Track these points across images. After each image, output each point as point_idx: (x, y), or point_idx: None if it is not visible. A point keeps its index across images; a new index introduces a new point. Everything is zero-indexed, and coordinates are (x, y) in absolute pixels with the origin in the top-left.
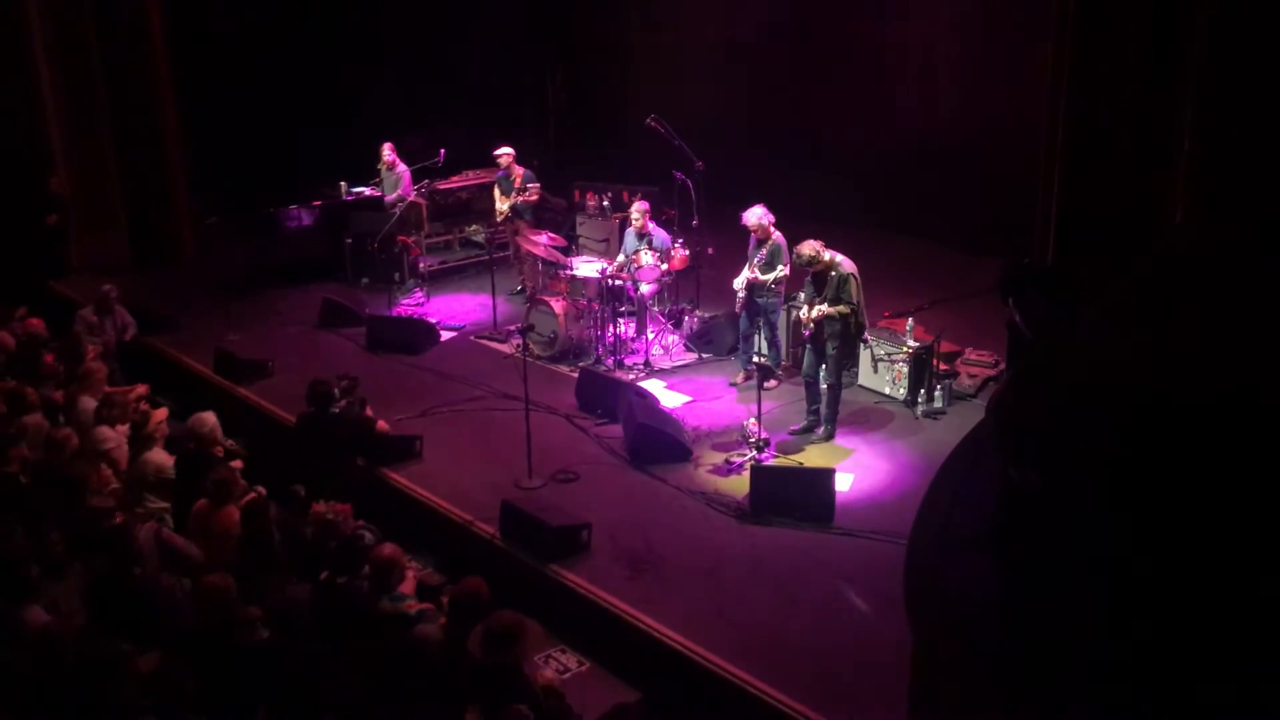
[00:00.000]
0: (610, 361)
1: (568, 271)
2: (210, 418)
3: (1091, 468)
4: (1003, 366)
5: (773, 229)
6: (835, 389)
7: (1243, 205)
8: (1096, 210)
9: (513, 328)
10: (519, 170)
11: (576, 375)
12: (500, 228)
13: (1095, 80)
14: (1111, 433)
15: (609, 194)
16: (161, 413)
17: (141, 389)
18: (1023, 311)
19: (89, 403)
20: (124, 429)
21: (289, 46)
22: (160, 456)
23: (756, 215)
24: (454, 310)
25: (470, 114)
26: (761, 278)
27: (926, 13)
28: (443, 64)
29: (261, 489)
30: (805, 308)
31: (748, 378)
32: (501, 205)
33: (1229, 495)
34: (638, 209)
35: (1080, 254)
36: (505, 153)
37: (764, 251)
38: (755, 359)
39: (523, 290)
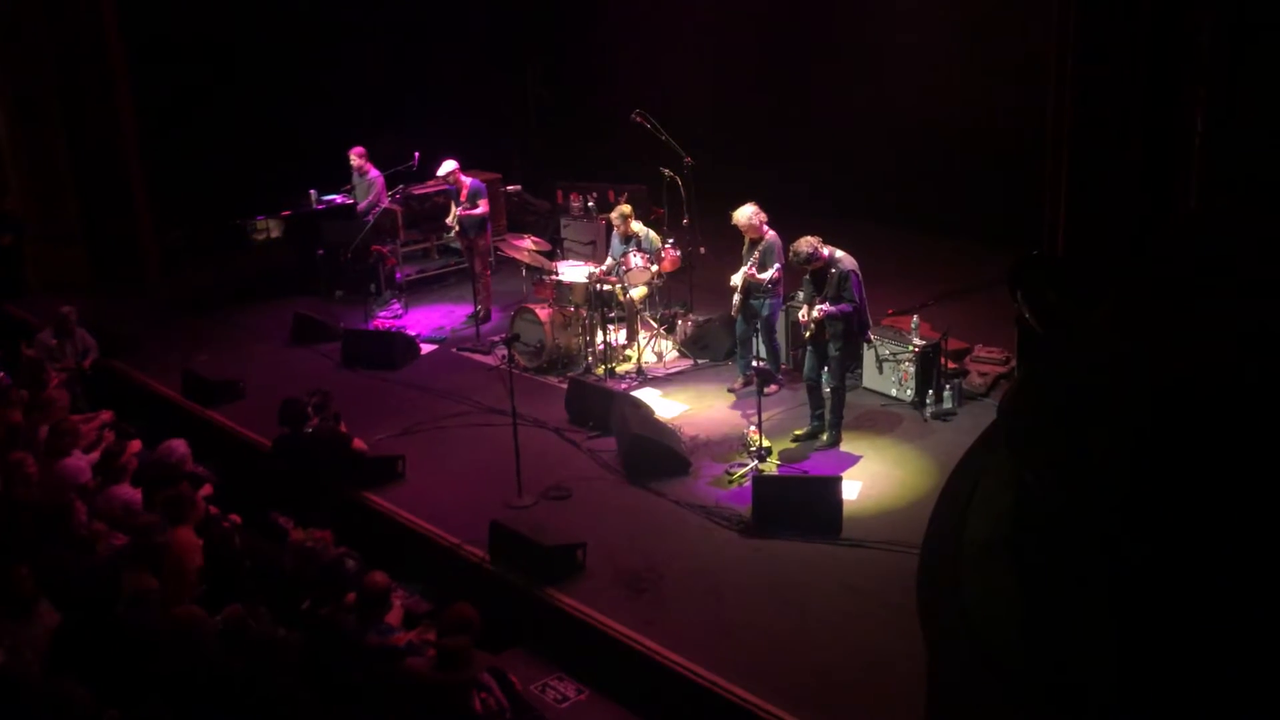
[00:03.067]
0: (600, 371)
1: (553, 277)
2: (180, 446)
3: (1109, 469)
4: (1014, 364)
5: (765, 228)
6: (839, 392)
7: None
8: (1107, 196)
9: (497, 338)
10: (466, 183)
11: (566, 386)
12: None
13: (1101, 62)
14: (1131, 429)
15: (594, 194)
16: (135, 444)
17: (106, 415)
18: (1032, 306)
19: (48, 434)
20: (94, 457)
21: (251, 52)
22: (128, 492)
23: (747, 215)
24: (437, 320)
25: (445, 113)
26: (758, 277)
27: None
28: (415, 62)
29: (236, 517)
30: (805, 308)
31: (747, 383)
32: (450, 219)
33: (1263, 493)
34: (618, 213)
35: (1092, 242)
36: (449, 169)
37: (757, 252)
38: (754, 363)
39: (476, 314)
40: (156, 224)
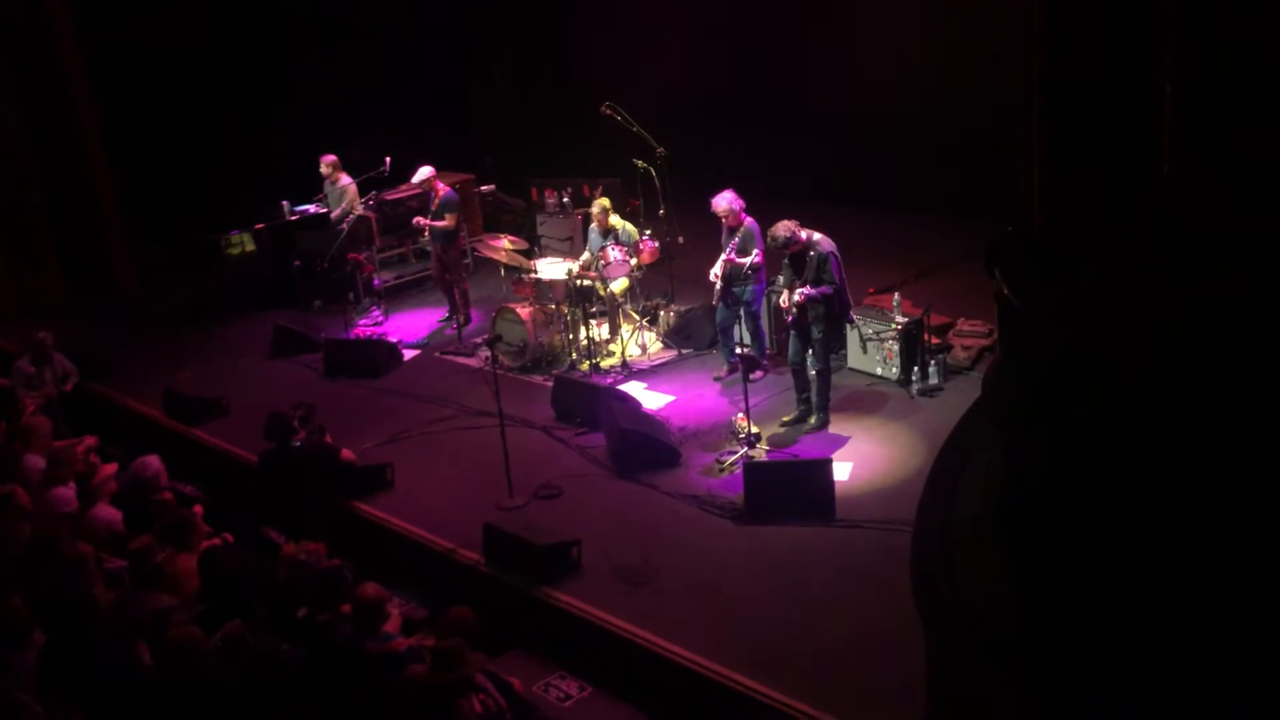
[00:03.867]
0: (585, 366)
1: (532, 275)
2: (153, 462)
3: (1094, 440)
4: (997, 337)
5: (744, 214)
6: (825, 374)
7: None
8: (1080, 165)
9: (479, 340)
10: (441, 189)
11: (551, 384)
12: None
13: (1070, 27)
14: (1116, 397)
15: (568, 189)
16: (110, 467)
17: (90, 441)
18: (1010, 282)
19: (35, 461)
20: (73, 486)
21: (214, 65)
22: (108, 512)
23: (726, 201)
24: (417, 325)
25: (414, 115)
26: (738, 261)
27: None
28: (379, 65)
29: (228, 535)
30: (785, 292)
31: (732, 370)
32: (420, 221)
33: (1261, 460)
34: (597, 206)
35: (1067, 214)
36: (425, 175)
37: (736, 238)
38: (738, 350)
39: (450, 318)
40: (130, 243)
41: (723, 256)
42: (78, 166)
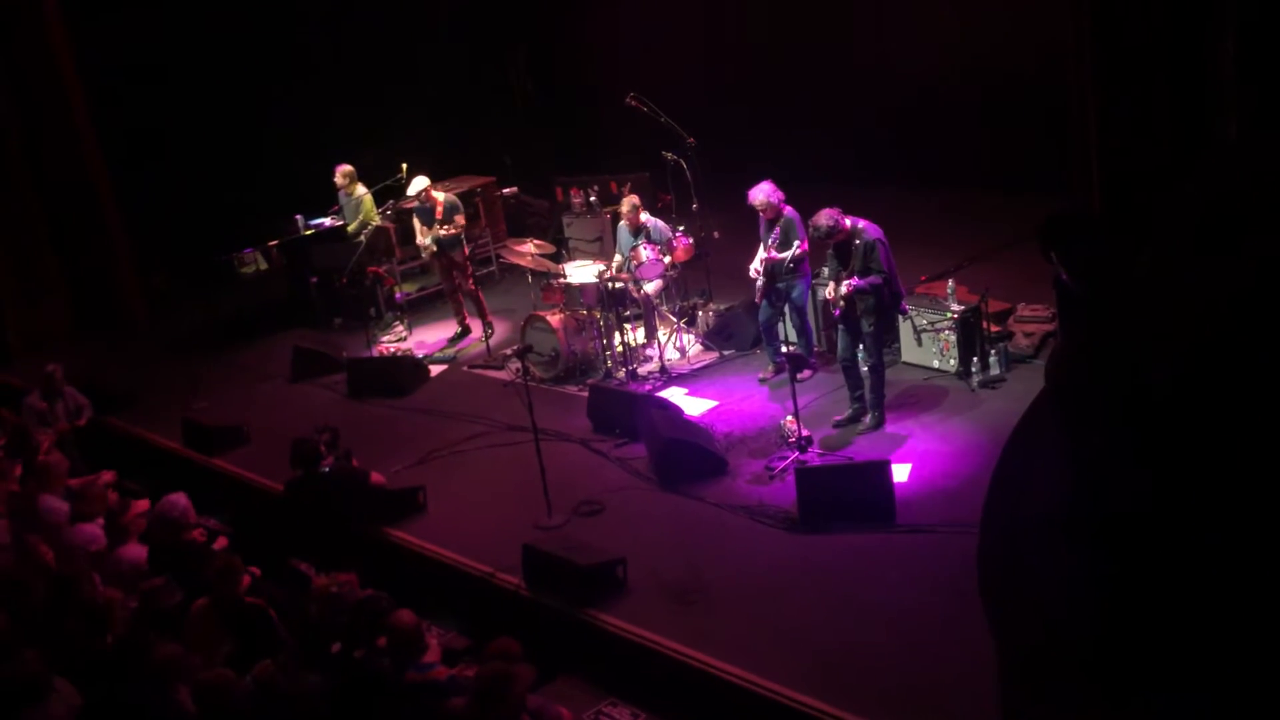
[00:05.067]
0: (622, 374)
1: (561, 280)
2: (180, 500)
3: (1168, 429)
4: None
5: (783, 205)
6: (878, 370)
7: None
8: (1138, 135)
9: (508, 351)
10: (439, 199)
11: (586, 394)
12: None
13: None
14: (1189, 382)
15: (595, 187)
16: (142, 504)
17: (108, 476)
18: (1068, 265)
19: (53, 503)
20: (100, 523)
21: (219, 81)
22: (135, 551)
23: (764, 193)
24: (443, 339)
25: (427, 118)
26: (778, 256)
27: None
28: (390, 68)
29: (255, 569)
30: (831, 284)
31: (778, 371)
32: (423, 240)
33: None
34: (627, 204)
35: (1126, 186)
36: (421, 187)
37: (777, 230)
38: (784, 349)
39: (464, 331)
40: (139, 268)
41: (761, 253)
42: (83, 193)
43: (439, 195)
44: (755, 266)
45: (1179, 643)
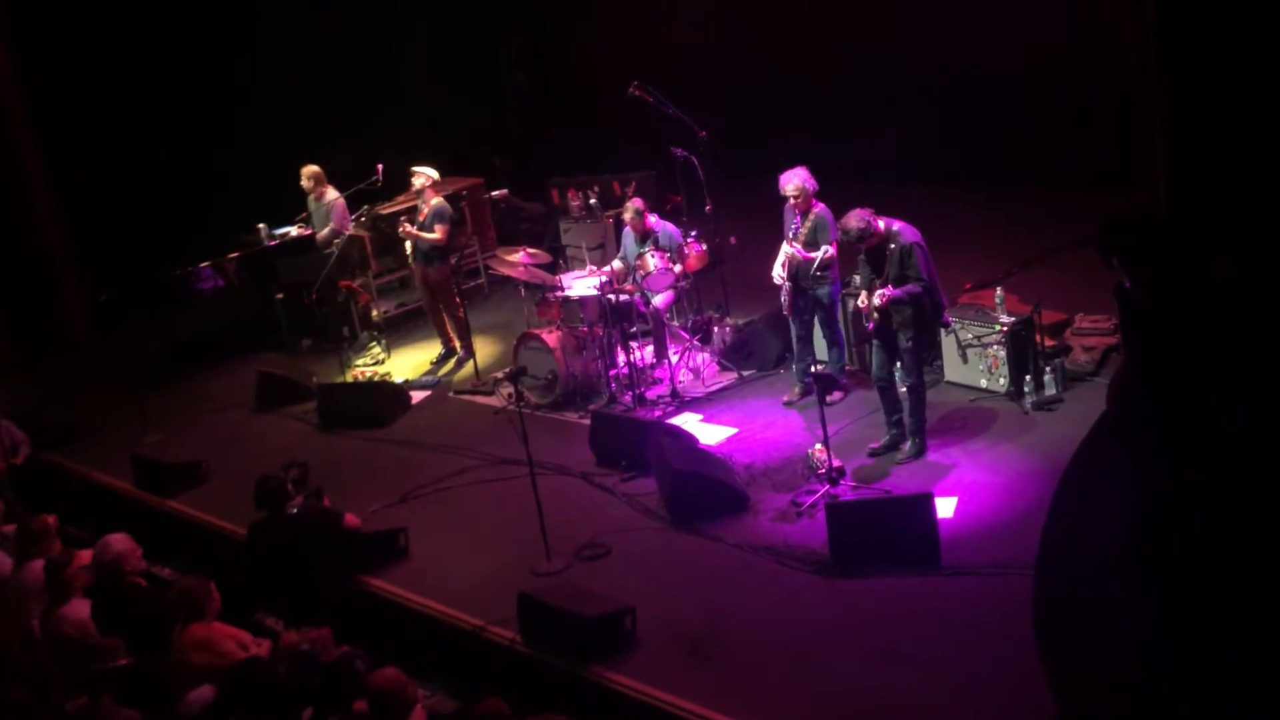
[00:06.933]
0: (628, 398)
1: (558, 293)
2: (116, 541)
3: (1250, 453)
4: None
5: (815, 199)
6: (917, 391)
7: None
8: (1209, 133)
9: (500, 375)
10: (431, 199)
11: (588, 422)
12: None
13: None
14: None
15: (595, 188)
16: (87, 554)
17: (48, 520)
18: (1131, 271)
19: None
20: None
21: (170, 77)
22: (80, 610)
23: (798, 178)
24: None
25: (409, 116)
26: (806, 255)
27: None
28: (366, 62)
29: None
30: (863, 294)
31: (805, 392)
32: (408, 228)
33: None
34: (631, 207)
35: (1195, 188)
36: (423, 172)
37: (807, 224)
38: (813, 368)
39: (449, 353)
40: (83, 289)
41: (785, 246)
42: (20, 208)
43: (433, 197)
44: (778, 272)
45: (1257, 687)
